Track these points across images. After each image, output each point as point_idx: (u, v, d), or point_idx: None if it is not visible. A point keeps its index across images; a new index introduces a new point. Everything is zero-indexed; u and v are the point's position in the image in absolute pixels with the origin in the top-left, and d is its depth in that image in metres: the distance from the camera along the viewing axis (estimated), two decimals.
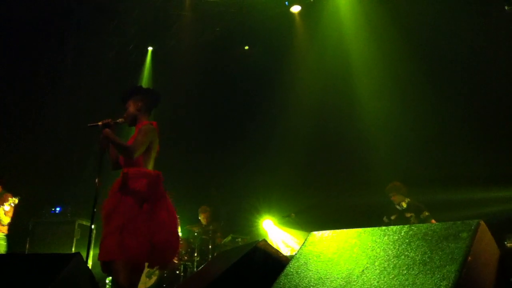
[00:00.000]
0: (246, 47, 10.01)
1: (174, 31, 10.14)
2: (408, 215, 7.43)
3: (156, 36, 10.50)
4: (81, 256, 3.45)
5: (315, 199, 8.62)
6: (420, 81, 8.26)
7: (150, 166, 4.05)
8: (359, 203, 8.32)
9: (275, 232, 8.81)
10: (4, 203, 6.84)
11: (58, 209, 8.52)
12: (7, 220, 6.92)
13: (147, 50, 10.89)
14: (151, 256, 3.71)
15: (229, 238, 8.19)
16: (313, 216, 8.31)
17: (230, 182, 9.52)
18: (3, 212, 6.81)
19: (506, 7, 3.28)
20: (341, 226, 3.02)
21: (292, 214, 8.80)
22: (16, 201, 6.94)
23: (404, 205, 7.49)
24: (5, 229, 7.01)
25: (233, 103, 10.31)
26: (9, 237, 7.07)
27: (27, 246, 7.89)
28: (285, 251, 8.16)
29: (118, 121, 4.17)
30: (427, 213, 7.29)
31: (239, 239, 8.16)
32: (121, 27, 9.85)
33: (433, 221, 7.09)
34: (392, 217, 7.55)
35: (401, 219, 7.43)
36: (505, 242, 7.36)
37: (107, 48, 10.20)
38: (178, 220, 4.11)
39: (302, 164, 9.23)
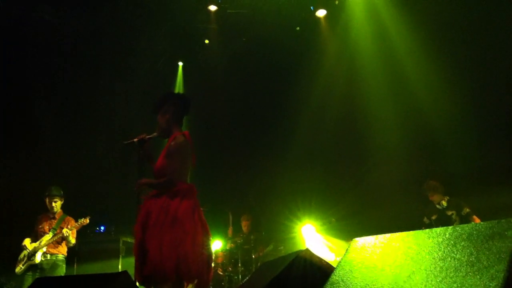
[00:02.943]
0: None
1: (202, 45, 10.28)
2: (449, 213, 7.33)
3: (185, 50, 10.65)
4: (128, 274, 3.52)
5: (355, 205, 8.57)
6: (455, 78, 8.16)
7: (185, 178, 4.09)
8: (397, 206, 8.27)
9: (315, 238, 8.78)
10: (69, 226, 7.04)
11: (102, 228, 8.71)
12: (73, 241, 7.11)
13: (177, 65, 11.06)
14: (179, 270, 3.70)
15: (271, 247, 8.21)
16: (353, 221, 8.26)
17: (267, 189, 9.55)
18: (70, 233, 6.99)
19: None
20: (381, 230, 3.00)
21: (333, 219, 8.77)
22: (87, 221, 7.12)
23: (444, 203, 7.40)
24: (65, 251, 7.18)
25: (267, 110, 10.36)
26: None
27: (75, 266, 8.06)
28: (327, 257, 8.13)
29: (151, 136, 4.25)
30: (468, 210, 7.18)
31: (281, 247, 8.17)
32: (151, 44, 10.03)
33: (474, 217, 6.98)
34: (433, 217, 7.45)
35: (442, 218, 7.34)
36: None
37: (138, 66, 10.40)
38: (209, 235, 4.06)
39: (340, 170, 9.21)
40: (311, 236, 8.79)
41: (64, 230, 6.91)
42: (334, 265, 2.93)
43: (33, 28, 8.87)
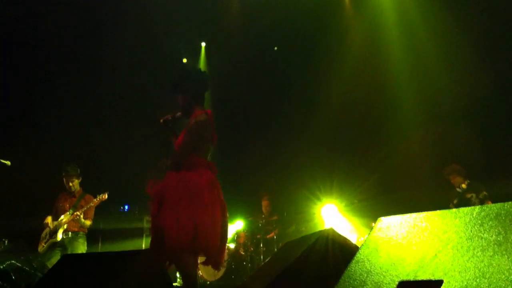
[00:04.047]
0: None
1: (223, 25, 10.24)
2: (469, 195, 7.35)
3: (207, 31, 10.64)
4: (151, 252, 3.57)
5: (378, 186, 8.55)
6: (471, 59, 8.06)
7: (204, 155, 4.09)
8: (422, 189, 8.23)
9: (338, 218, 8.78)
10: (85, 206, 7.11)
11: (126, 207, 8.82)
12: (88, 223, 7.18)
13: (200, 46, 11.07)
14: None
15: (293, 227, 8.25)
16: (376, 202, 8.25)
17: (288, 169, 9.55)
18: (81, 216, 7.05)
19: None
20: (405, 212, 2.99)
21: (355, 201, 8.76)
22: (105, 196, 7.19)
23: (464, 186, 7.44)
24: (86, 228, 7.27)
25: (289, 89, 10.31)
26: None
27: (99, 244, 8.20)
28: (352, 237, 8.14)
29: (175, 116, 4.25)
30: (485, 193, 7.18)
31: (303, 228, 8.20)
32: (172, 25, 10.02)
33: (489, 202, 6.95)
34: (455, 201, 7.45)
35: (462, 201, 7.33)
36: None
37: (161, 48, 10.41)
38: (226, 215, 4.06)
39: (363, 150, 9.17)
40: (333, 217, 8.79)
41: (75, 213, 6.98)
42: (358, 246, 2.93)
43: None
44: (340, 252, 2.99)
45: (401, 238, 2.63)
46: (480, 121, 8.10)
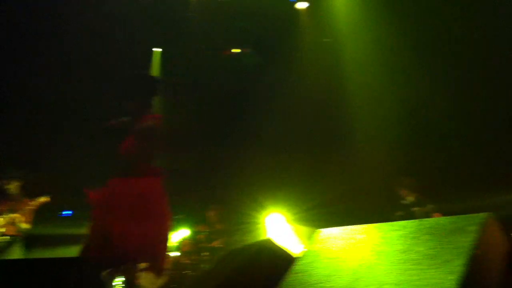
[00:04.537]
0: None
1: (181, 32, 10.13)
2: (415, 209, 7.45)
3: (163, 37, 10.50)
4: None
5: (327, 195, 8.61)
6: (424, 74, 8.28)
7: (153, 161, 4.04)
8: (368, 199, 8.34)
9: (283, 228, 8.78)
10: (24, 209, 6.85)
11: (67, 213, 8.57)
12: (26, 227, 6.91)
13: (154, 52, 10.91)
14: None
15: (238, 237, 8.21)
16: (324, 212, 8.30)
17: (234, 179, 9.49)
18: (20, 220, 6.81)
19: None
20: (356, 221, 3.01)
21: (303, 210, 8.78)
22: (44, 200, 6.94)
23: (411, 199, 7.52)
24: (23, 233, 6.97)
25: (239, 98, 10.26)
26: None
27: (39, 250, 7.90)
28: (294, 247, 8.15)
29: (125, 121, 4.16)
30: (431, 206, 7.31)
31: (248, 237, 8.18)
32: (128, 30, 9.84)
33: (436, 214, 7.09)
34: (399, 213, 7.55)
35: (407, 214, 7.44)
36: None
37: (114, 52, 10.20)
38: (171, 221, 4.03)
39: (312, 158, 9.22)
40: (279, 226, 8.78)
41: (12, 216, 6.75)
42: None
43: None
44: (278, 263, 2.96)
45: (339, 250, 2.64)
46: (441, 133, 8.29)
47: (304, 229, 8.67)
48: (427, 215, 7.15)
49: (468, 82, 8.01)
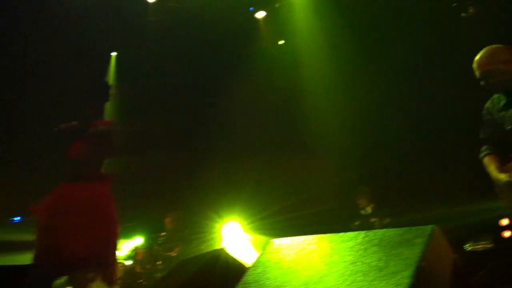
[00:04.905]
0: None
1: (137, 37, 10.01)
2: (373, 220, 7.52)
3: (120, 42, 10.35)
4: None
5: (284, 203, 8.62)
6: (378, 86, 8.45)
7: (102, 166, 3.99)
8: (328, 208, 8.40)
9: (240, 236, 8.74)
10: None
11: (17, 219, 8.33)
12: None
13: (111, 56, 10.74)
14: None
15: (194, 245, 8.13)
16: (281, 220, 8.31)
17: (192, 187, 9.40)
18: None
19: (462, 14, 3.34)
20: (310, 231, 3.03)
21: (259, 218, 8.76)
22: None
23: (369, 210, 7.60)
24: None
25: (195, 108, 10.20)
26: None
27: None
28: (249, 256, 8.12)
29: (76, 125, 4.10)
30: (388, 220, 7.40)
31: (203, 246, 8.11)
32: (85, 34, 9.66)
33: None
34: (357, 223, 7.62)
35: (366, 224, 7.52)
36: (465, 246, 7.57)
37: (70, 56, 9.99)
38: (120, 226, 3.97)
39: (269, 166, 9.23)
40: (235, 234, 8.73)
41: None
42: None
43: None
44: (230, 273, 2.96)
45: (290, 261, 2.65)
46: (396, 145, 8.43)
47: (260, 238, 8.65)
48: (384, 226, 7.26)
49: (426, 92, 8.19)
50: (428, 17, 7.74)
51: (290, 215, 8.30)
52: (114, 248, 3.78)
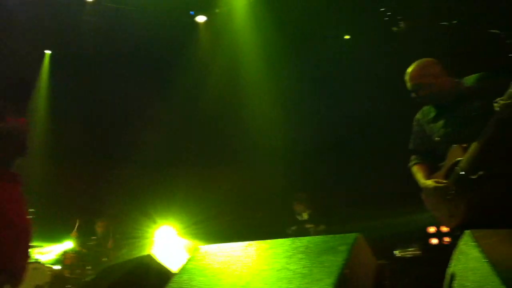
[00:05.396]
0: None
1: (74, 37, 9.71)
2: (308, 226, 7.60)
3: (55, 40, 10.01)
4: None
5: (222, 208, 8.56)
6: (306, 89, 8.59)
7: (10, 165, 3.81)
8: (265, 213, 8.43)
9: (173, 241, 8.60)
10: None
11: None
12: None
13: (44, 54, 10.37)
14: None
15: (125, 250, 7.97)
16: (218, 225, 8.24)
17: (124, 192, 9.18)
18: None
19: (394, 28, 3.43)
20: (246, 236, 3.01)
21: (195, 223, 8.66)
22: None
23: (305, 216, 7.67)
24: None
25: (128, 109, 9.96)
26: None
27: None
28: (175, 263, 7.98)
29: None
30: (323, 226, 7.51)
31: (135, 251, 7.97)
32: (18, 32, 9.28)
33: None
34: (293, 228, 7.68)
35: (301, 231, 7.58)
36: (395, 252, 7.79)
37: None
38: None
39: (205, 170, 9.15)
40: (169, 239, 8.59)
41: None
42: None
43: None
44: (156, 280, 2.89)
45: (216, 268, 2.62)
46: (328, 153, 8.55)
47: (195, 243, 8.55)
48: (319, 234, 7.34)
49: (360, 106, 8.38)
50: (360, 30, 7.95)
51: (227, 220, 8.28)
52: (24, 253, 3.59)
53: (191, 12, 9.48)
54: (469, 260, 2.17)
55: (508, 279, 1.89)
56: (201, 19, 9.47)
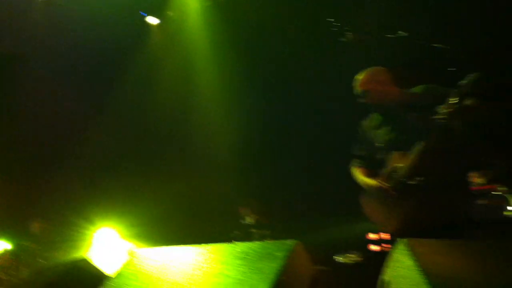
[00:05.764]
0: None
1: (22, 36, 9.38)
2: (253, 231, 7.62)
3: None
4: None
5: (162, 210, 8.41)
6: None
7: None
8: (211, 216, 8.37)
9: (114, 243, 8.39)
10: None
11: None
12: None
13: None
14: None
15: (61, 252, 7.75)
16: (160, 228, 8.10)
17: (62, 193, 8.89)
18: None
19: (342, 39, 3.49)
20: (190, 239, 2.97)
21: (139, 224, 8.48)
22: None
23: (250, 220, 7.69)
24: None
25: (65, 111, 9.67)
26: None
27: None
28: (111, 266, 7.80)
29: None
30: (268, 232, 7.54)
31: (72, 254, 7.75)
32: None
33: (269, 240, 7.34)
34: (237, 232, 7.67)
35: (246, 235, 7.59)
36: (336, 258, 7.91)
37: None
38: None
39: (151, 172, 9.00)
40: (109, 242, 8.36)
41: None
42: None
43: None
44: (89, 284, 2.81)
45: (152, 272, 2.57)
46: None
47: (135, 247, 8.37)
48: (264, 239, 7.37)
49: (305, 111, 8.47)
50: (310, 39, 8.04)
51: (172, 223, 8.16)
52: None
53: (143, 14, 9.35)
54: (402, 268, 2.21)
55: None
56: (153, 21, 9.35)
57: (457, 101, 3.09)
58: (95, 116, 9.11)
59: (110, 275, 2.86)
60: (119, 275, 2.61)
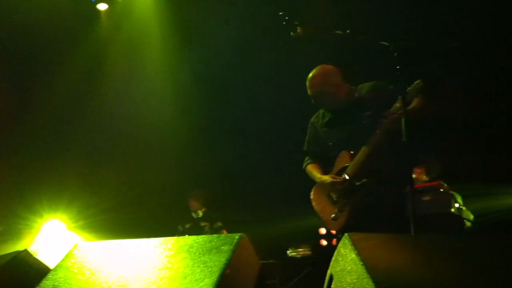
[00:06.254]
0: None
1: None
2: (203, 224, 7.58)
3: None
4: None
5: (112, 202, 8.25)
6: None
7: None
8: (159, 209, 8.27)
9: (59, 236, 8.17)
10: None
11: None
12: None
13: None
14: None
15: (6, 245, 7.51)
16: (110, 220, 7.95)
17: (6, 184, 8.58)
18: None
19: (292, 33, 3.50)
20: (137, 231, 2.91)
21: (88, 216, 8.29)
22: None
23: (200, 213, 7.65)
24: None
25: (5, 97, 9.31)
26: None
27: None
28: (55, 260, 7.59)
29: None
30: (220, 224, 7.52)
31: (17, 246, 7.51)
32: None
33: (224, 232, 7.32)
34: (187, 226, 7.62)
35: (195, 228, 7.54)
36: (288, 252, 8.00)
37: None
38: None
39: (100, 162, 8.80)
40: (56, 234, 8.14)
41: None
42: None
43: None
44: (30, 277, 2.73)
45: (95, 266, 2.51)
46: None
47: (86, 238, 8.20)
48: (216, 231, 7.35)
49: (259, 106, 8.45)
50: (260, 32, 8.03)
51: (120, 215, 8.02)
52: None
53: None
54: (346, 262, 2.23)
55: (381, 282, 1.96)
56: (102, 6, 9.12)
57: (401, 106, 3.17)
58: (38, 106, 8.80)
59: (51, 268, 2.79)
60: (60, 268, 2.54)
